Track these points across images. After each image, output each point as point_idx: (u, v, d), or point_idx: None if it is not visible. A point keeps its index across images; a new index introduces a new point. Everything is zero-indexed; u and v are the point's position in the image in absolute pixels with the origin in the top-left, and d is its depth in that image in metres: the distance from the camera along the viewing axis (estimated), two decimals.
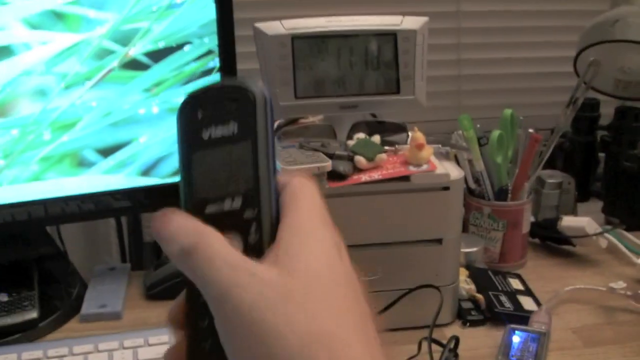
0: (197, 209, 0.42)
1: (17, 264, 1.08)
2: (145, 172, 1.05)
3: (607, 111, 1.43)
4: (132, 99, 1.02)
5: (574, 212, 1.36)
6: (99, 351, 0.90)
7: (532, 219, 1.23)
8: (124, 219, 1.36)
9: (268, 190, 0.42)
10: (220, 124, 0.43)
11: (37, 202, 1.01)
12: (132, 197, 1.05)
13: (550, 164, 1.42)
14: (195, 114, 0.44)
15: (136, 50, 1.01)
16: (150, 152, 1.04)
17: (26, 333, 0.98)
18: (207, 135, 0.43)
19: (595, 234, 1.16)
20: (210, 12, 1.03)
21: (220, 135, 0.43)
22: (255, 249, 0.40)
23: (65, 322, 1.02)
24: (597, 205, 1.43)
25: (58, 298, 1.05)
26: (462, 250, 1.07)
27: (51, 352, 0.90)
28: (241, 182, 0.42)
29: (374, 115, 1.13)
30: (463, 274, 1.05)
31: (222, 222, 0.41)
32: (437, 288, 0.95)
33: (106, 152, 1.03)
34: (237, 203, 0.42)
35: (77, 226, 1.31)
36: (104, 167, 1.03)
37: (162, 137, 1.04)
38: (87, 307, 1.03)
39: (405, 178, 0.93)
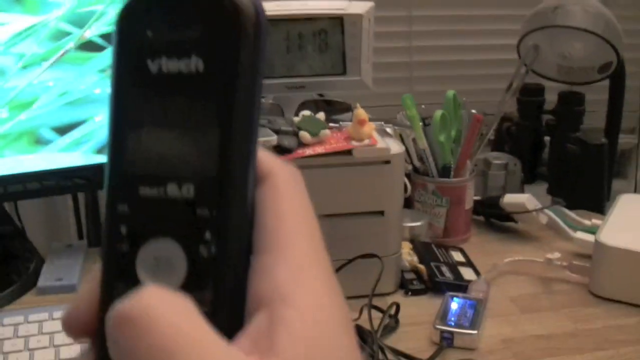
0: (126, 186, 0.29)
1: None
2: (101, 150, 1.08)
3: (552, 98, 1.48)
4: (88, 79, 1.05)
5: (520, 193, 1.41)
6: (53, 319, 0.93)
7: (477, 198, 1.28)
8: (81, 198, 1.39)
9: (243, 183, 0.29)
10: (177, 53, 0.28)
11: None
12: (88, 174, 1.09)
13: (498, 148, 1.48)
14: (142, 31, 0.28)
15: (92, 32, 1.04)
16: (106, 131, 1.08)
17: None
18: (156, 68, 0.28)
19: (535, 210, 1.21)
20: None
21: (176, 71, 0.28)
22: (203, 273, 0.28)
23: (22, 295, 1.05)
24: (542, 187, 1.48)
25: (15, 273, 1.09)
26: (407, 224, 1.12)
27: (7, 321, 0.93)
28: (199, 158, 0.28)
29: (322, 96, 1.17)
30: (407, 247, 1.10)
31: (160, 216, 0.29)
32: (377, 257, 0.99)
33: (63, 130, 1.06)
34: (188, 191, 0.28)
35: (35, 205, 1.34)
36: (61, 145, 1.06)
37: None
38: (43, 280, 1.06)
39: (348, 152, 0.97)
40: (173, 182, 0.28)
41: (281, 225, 0.29)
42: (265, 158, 0.30)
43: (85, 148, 1.07)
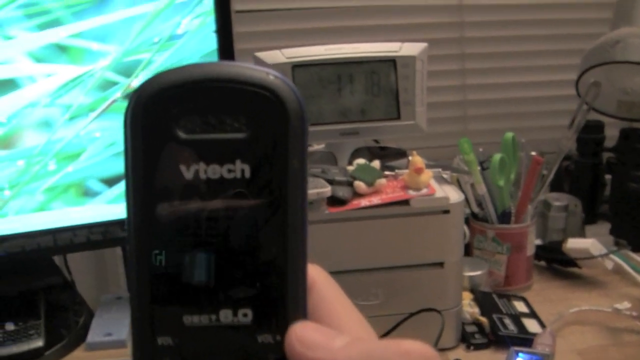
0: (167, 317, 0.26)
1: (24, 294, 1.09)
2: None
3: (612, 133, 1.42)
4: None
5: (581, 235, 1.35)
6: None
7: (538, 242, 1.23)
8: None
9: (304, 299, 0.26)
10: (219, 159, 0.24)
11: (45, 232, 1.02)
12: None
13: (556, 187, 1.42)
14: (171, 130, 0.24)
15: (139, 81, 1.02)
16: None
17: None
18: (192, 174, 0.24)
19: (601, 255, 1.16)
20: (211, 43, 1.04)
21: (218, 177, 0.24)
22: None
23: (71, 351, 1.03)
24: (605, 227, 1.42)
25: (64, 327, 1.06)
26: (466, 274, 1.07)
27: None
28: (253, 278, 0.25)
29: (376, 142, 1.14)
30: (467, 297, 1.05)
31: (212, 347, 0.25)
32: (438, 312, 0.95)
33: (110, 181, 1.04)
34: (245, 317, 0.25)
35: (84, 256, 1.32)
36: (109, 196, 1.04)
37: None
38: (92, 336, 1.04)
39: (405, 202, 0.93)
40: (226, 308, 0.25)
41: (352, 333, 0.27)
42: None
43: None
